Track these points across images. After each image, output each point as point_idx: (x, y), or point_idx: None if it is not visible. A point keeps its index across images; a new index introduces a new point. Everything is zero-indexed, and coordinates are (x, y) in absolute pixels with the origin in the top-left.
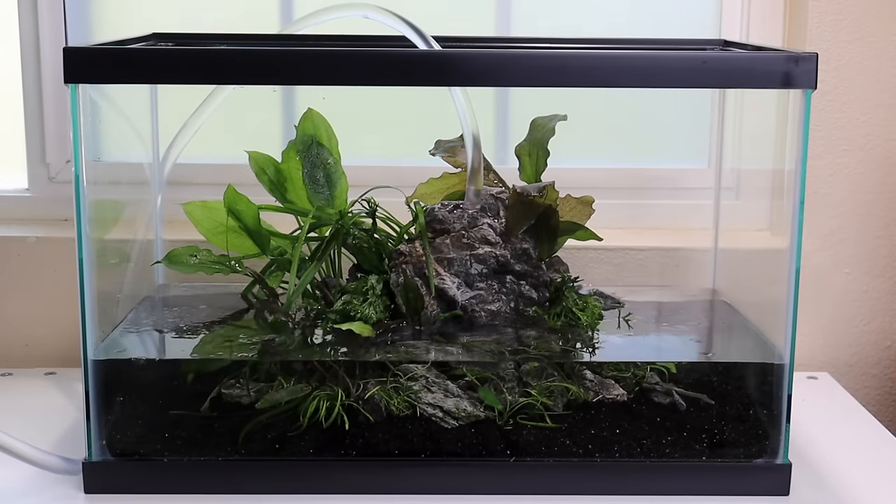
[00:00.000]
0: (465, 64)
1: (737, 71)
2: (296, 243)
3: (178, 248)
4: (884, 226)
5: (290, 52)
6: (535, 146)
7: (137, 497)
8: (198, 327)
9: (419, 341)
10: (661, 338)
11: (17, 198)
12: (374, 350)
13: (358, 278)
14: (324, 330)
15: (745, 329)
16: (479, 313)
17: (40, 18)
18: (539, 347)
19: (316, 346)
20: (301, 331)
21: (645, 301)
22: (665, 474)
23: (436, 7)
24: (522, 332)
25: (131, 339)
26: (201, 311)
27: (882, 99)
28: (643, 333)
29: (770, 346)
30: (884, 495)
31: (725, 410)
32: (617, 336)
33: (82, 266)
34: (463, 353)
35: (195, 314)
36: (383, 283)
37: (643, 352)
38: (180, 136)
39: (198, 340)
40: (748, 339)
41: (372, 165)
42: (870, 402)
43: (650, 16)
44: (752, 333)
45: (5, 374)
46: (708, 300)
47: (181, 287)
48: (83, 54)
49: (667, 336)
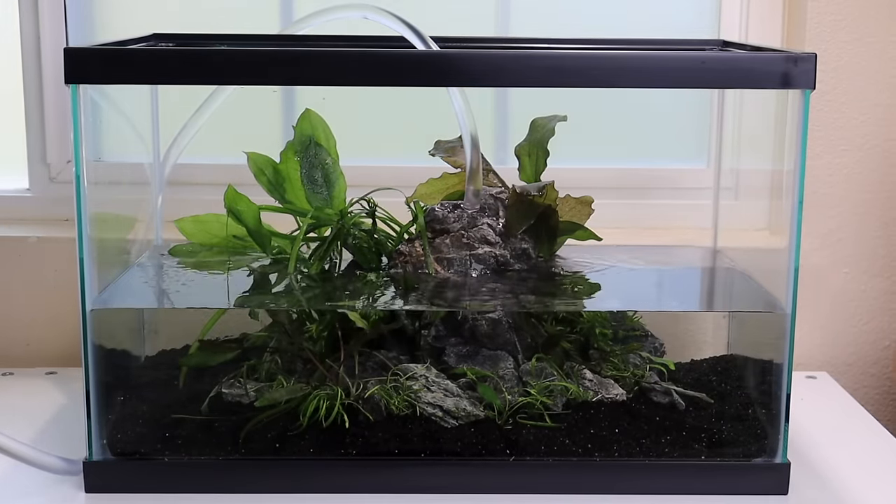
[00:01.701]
0: (463, 64)
1: (736, 71)
2: (294, 243)
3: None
4: (882, 225)
5: (290, 52)
6: (535, 146)
7: (138, 496)
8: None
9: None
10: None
11: (17, 198)
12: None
13: (356, 275)
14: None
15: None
16: (479, 321)
17: (41, 19)
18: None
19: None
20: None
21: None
22: (664, 473)
23: (436, 7)
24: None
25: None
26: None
27: (881, 99)
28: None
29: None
30: (883, 494)
31: (724, 410)
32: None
33: (83, 266)
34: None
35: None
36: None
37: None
38: (181, 137)
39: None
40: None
41: (371, 165)
42: (868, 401)
43: (649, 16)
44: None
45: (6, 373)
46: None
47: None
48: (84, 55)
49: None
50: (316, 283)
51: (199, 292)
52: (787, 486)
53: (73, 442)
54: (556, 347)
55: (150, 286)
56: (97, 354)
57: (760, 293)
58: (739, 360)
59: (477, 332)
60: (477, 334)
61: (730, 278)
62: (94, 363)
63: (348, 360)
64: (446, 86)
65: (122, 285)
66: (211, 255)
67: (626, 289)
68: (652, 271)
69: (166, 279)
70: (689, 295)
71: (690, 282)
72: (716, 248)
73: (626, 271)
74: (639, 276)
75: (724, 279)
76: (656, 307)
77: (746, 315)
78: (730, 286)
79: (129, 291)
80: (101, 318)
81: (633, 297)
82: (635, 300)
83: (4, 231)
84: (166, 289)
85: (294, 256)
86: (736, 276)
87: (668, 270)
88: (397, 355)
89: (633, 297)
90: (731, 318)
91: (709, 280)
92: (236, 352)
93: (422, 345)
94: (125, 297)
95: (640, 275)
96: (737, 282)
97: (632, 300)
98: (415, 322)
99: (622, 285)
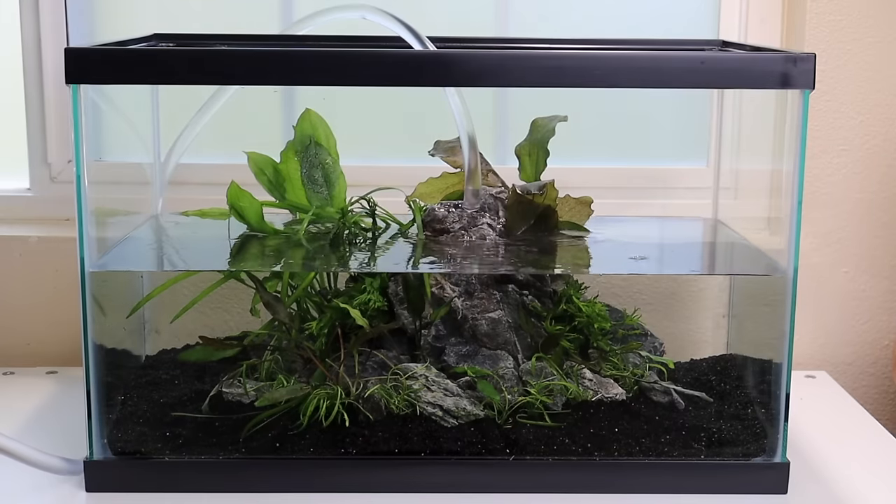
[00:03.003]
0: (463, 64)
1: (735, 71)
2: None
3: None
4: (882, 225)
5: (290, 52)
6: (536, 146)
7: (138, 496)
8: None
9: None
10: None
11: (18, 198)
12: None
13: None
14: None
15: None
16: (479, 321)
17: (42, 19)
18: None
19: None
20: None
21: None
22: (664, 472)
23: (436, 7)
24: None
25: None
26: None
27: (879, 99)
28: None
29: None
30: (881, 493)
31: (724, 409)
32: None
33: (83, 265)
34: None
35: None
36: (381, 289)
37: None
38: (183, 137)
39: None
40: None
41: (371, 165)
42: (868, 400)
43: (649, 16)
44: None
45: (7, 372)
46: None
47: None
48: (85, 55)
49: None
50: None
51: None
52: (787, 485)
53: (73, 441)
54: (555, 347)
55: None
56: (98, 354)
57: (762, 257)
58: (739, 360)
59: (477, 332)
60: (477, 334)
61: (730, 244)
62: (94, 362)
63: (348, 359)
64: (446, 86)
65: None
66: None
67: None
68: (653, 245)
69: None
70: (691, 259)
71: (692, 248)
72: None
73: (624, 243)
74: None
75: (725, 244)
76: (657, 270)
77: (747, 314)
78: (730, 250)
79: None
80: (99, 278)
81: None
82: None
83: (5, 231)
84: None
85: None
86: (736, 243)
87: (669, 239)
88: (397, 355)
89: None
90: (731, 318)
91: (710, 246)
92: (237, 349)
93: (422, 344)
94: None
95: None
96: (737, 246)
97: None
98: (415, 321)
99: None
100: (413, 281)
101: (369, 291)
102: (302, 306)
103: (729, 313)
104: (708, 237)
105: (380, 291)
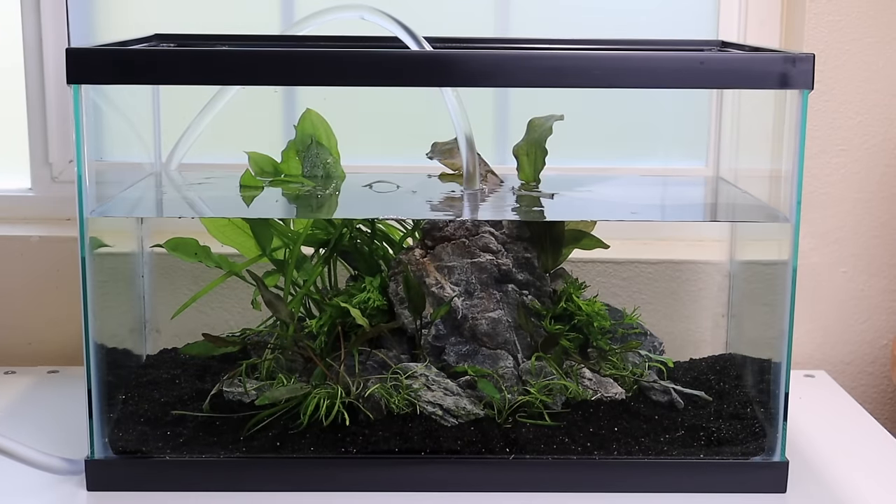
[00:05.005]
0: (462, 64)
1: (734, 72)
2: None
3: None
4: (880, 225)
5: (290, 52)
6: (533, 146)
7: (139, 495)
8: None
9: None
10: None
11: (20, 197)
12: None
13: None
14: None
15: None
16: (479, 320)
17: (43, 19)
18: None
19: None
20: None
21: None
22: (663, 471)
23: (436, 7)
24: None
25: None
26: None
27: (878, 99)
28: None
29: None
30: (881, 493)
31: (723, 408)
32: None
33: (84, 265)
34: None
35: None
36: (382, 289)
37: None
38: (185, 137)
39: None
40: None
41: (371, 165)
42: (866, 399)
43: (648, 17)
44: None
45: (8, 372)
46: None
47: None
48: (86, 55)
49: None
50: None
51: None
52: (786, 485)
53: (74, 440)
54: (555, 346)
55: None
56: (99, 353)
57: (763, 208)
58: (738, 359)
59: (477, 331)
60: (477, 333)
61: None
62: (95, 362)
63: (348, 358)
64: (446, 86)
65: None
66: (209, 259)
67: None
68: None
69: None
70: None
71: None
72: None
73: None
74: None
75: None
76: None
77: (746, 314)
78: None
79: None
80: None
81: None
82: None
83: (7, 230)
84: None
85: (295, 254)
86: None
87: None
88: (397, 354)
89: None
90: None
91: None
92: (239, 346)
93: (422, 343)
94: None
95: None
96: (738, 198)
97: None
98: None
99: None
100: (414, 281)
101: (369, 290)
102: (304, 304)
103: (728, 312)
104: (709, 198)
105: (380, 290)
